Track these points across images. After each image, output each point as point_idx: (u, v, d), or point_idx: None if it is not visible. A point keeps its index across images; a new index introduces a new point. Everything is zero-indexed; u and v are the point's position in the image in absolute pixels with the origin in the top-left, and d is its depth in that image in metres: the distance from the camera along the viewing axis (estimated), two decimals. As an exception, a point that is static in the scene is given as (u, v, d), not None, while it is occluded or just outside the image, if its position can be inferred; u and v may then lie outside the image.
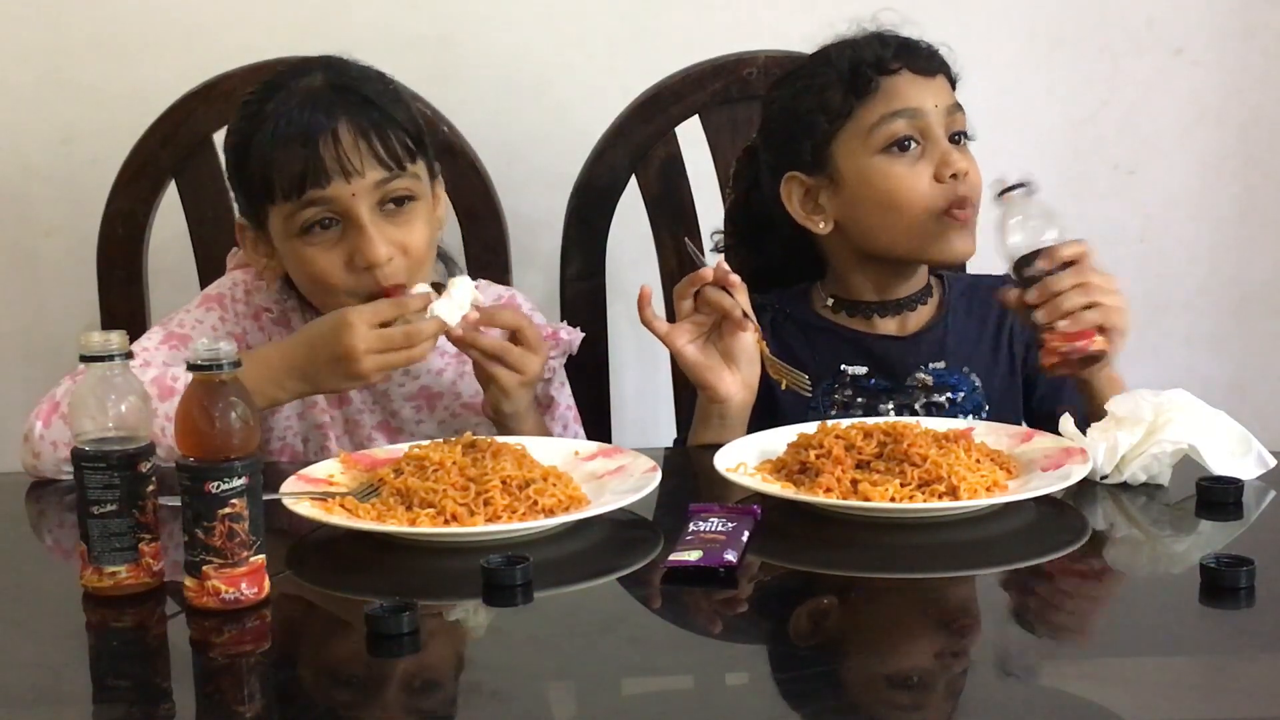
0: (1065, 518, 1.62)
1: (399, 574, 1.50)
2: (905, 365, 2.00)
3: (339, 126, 1.86)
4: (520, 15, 2.47)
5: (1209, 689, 1.29)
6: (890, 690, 1.27)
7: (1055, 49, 2.53)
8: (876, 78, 1.95)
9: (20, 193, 2.47)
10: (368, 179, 1.86)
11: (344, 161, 1.85)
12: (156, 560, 1.45)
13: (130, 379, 1.45)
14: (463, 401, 2.02)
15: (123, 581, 1.44)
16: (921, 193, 1.92)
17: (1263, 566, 1.38)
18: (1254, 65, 2.57)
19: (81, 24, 2.44)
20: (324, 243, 1.88)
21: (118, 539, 1.43)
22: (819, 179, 1.98)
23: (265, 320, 2.00)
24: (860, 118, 1.95)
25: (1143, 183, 2.58)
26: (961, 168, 1.93)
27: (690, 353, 1.85)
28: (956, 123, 1.96)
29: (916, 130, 1.94)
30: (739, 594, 1.45)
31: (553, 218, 2.32)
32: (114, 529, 1.43)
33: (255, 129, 1.89)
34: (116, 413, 1.44)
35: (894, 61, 1.95)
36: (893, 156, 1.94)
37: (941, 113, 1.95)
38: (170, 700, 1.29)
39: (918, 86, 1.95)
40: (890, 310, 2.02)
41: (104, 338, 1.44)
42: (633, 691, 1.31)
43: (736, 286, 1.84)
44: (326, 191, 1.86)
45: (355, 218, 1.86)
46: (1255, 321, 2.57)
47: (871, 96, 1.95)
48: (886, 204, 1.94)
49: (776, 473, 1.66)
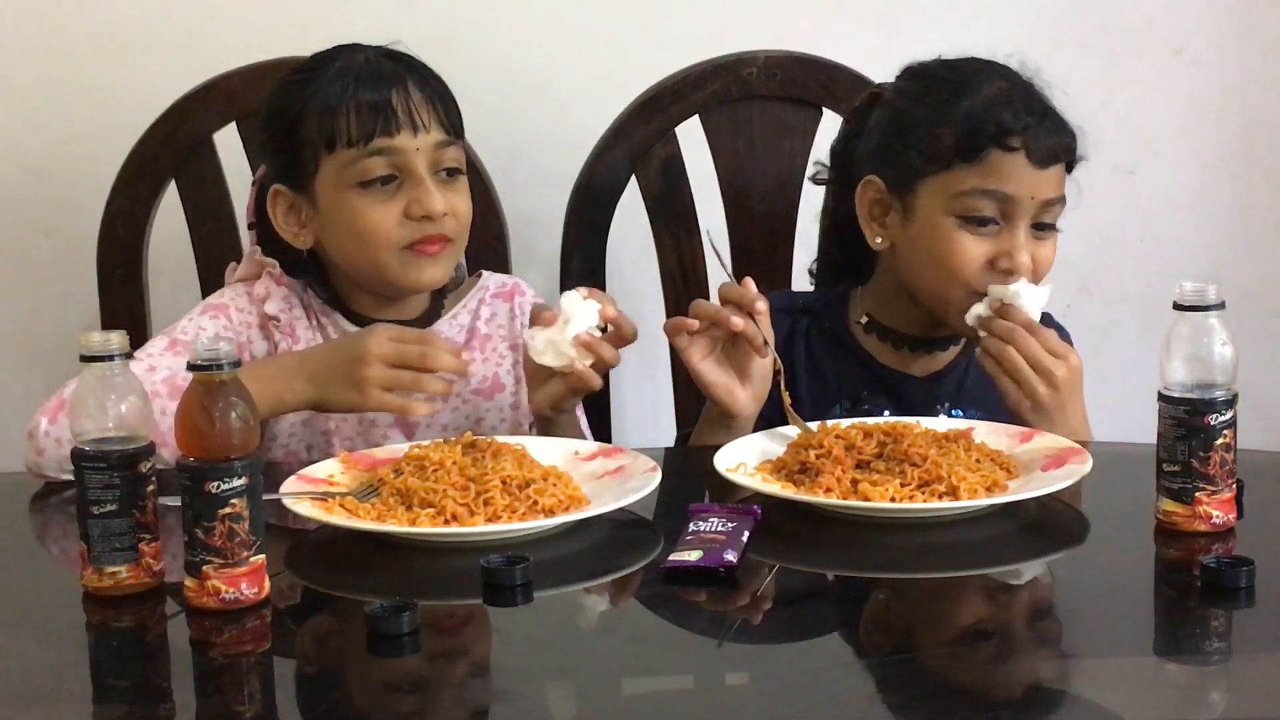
0: (1065, 518, 1.62)
1: (399, 574, 1.50)
2: (921, 407, 1.95)
3: (409, 83, 1.92)
4: (520, 15, 2.47)
5: (1209, 689, 1.29)
6: (890, 690, 1.27)
7: (1055, 49, 2.53)
8: (990, 149, 1.86)
9: (20, 193, 2.47)
10: (432, 136, 1.92)
11: (415, 114, 1.91)
12: (156, 560, 1.45)
13: (130, 379, 1.45)
14: (472, 387, 2.01)
15: (123, 581, 1.44)
16: (973, 270, 1.87)
17: (1263, 566, 1.38)
18: (1254, 65, 2.57)
19: (81, 24, 2.44)
20: (380, 197, 1.91)
21: (118, 539, 1.43)
22: (895, 199, 1.93)
23: (271, 329, 1.99)
24: (954, 177, 1.88)
25: (1143, 183, 2.58)
26: (1023, 266, 1.86)
27: (705, 368, 1.82)
28: (1048, 214, 1.89)
29: (1001, 213, 1.87)
30: (739, 594, 1.45)
31: (553, 218, 2.32)
32: (114, 529, 1.43)
33: (314, 84, 1.93)
34: (116, 413, 1.44)
35: (1015, 139, 1.86)
36: (966, 226, 1.88)
37: (1036, 204, 1.87)
38: (170, 700, 1.29)
39: (1026, 176, 1.86)
40: (922, 347, 1.99)
41: (104, 337, 1.44)
42: (633, 691, 1.31)
43: (761, 313, 1.79)
44: (395, 141, 1.90)
45: (416, 172, 1.91)
46: (1255, 321, 2.57)
47: (972, 165, 1.87)
48: (939, 268, 1.90)
49: (776, 473, 1.66)
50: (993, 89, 1.89)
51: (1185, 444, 1.51)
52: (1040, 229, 1.90)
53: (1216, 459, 1.51)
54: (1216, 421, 1.51)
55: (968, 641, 1.38)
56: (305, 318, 2.00)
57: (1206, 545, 1.50)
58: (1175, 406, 1.52)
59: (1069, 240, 1.90)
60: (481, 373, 2.01)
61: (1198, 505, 1.51)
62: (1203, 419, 1.51)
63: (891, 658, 1.34)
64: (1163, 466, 1.54)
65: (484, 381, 2.02)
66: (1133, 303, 2.57)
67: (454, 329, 2.04)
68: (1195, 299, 1.53)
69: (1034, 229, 1.89)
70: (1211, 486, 1.51)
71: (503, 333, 2.05)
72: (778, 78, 2.26)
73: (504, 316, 2.06)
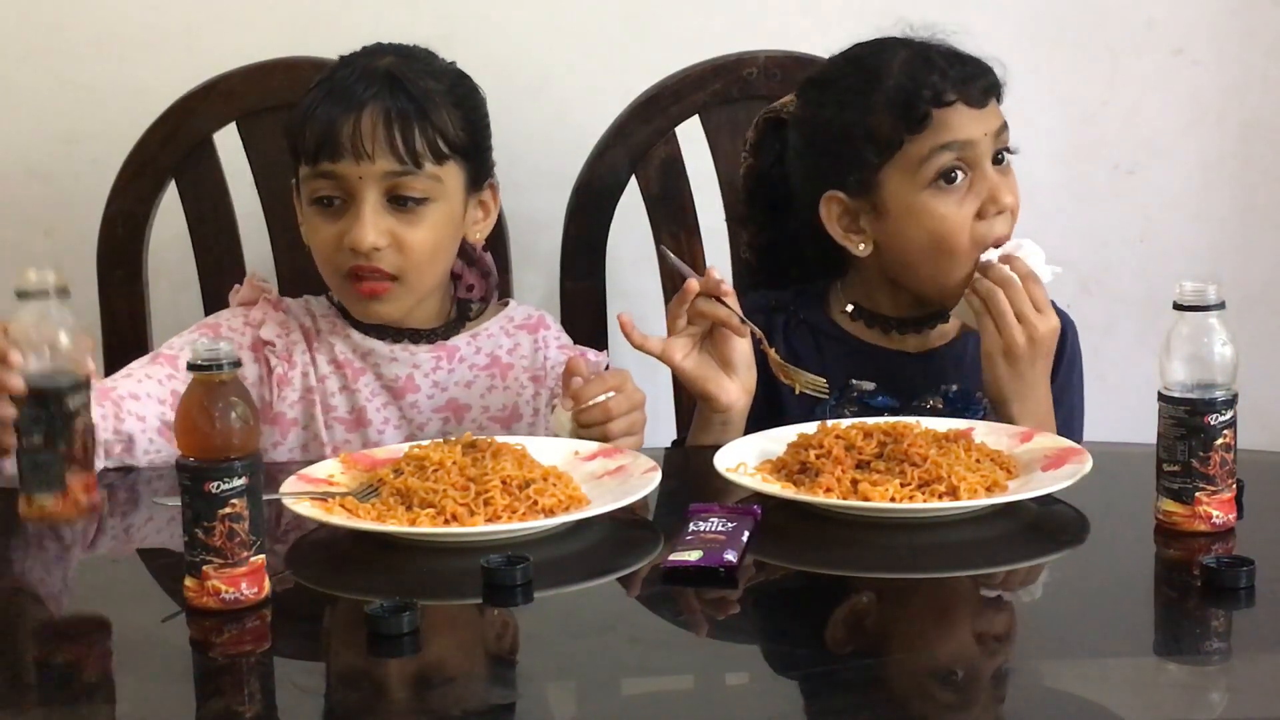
0: (1065, 518, 1.61)
1: (399, 574, 1.50)
2: (918, 385, 1.97)
3: (366, 109, 1.89)
4: (520, 15, 2.46)
5: (1209, 689, 1.29)
6: (890, 690, 1.27)
7: (1055, 49, 2.53)
8: (930, 111, 1.88)
9: (20, 193, 2.47)
10: (377, 166, 1.89)
11: (358, 143, 1.89)
12: (87, 494, 1.49)
13: (64, 316, 1.48)
14: (490, 415, 2.00)
15: (48, 511, 1.49)
16: (964, 225, 1.89)
17: (1263, 566, 1.38)
18: (1254, 65, 2.56)
19: (81, 24, 2.43)
20: (327, 217, 1.92)
21: (45, 471, 1.47)
22: (862, 203, 1.93)
23: (266, 353, 1.99)
24: (909, 151, 1.89)
25: (1143, 183, 2.58)
26: (1008, 203, 1.89)
27: (689, 366, 1.83)
28: (1001, 142, 1.92)
29: (964, 161, 1.89)
30: (739, 594, 1.45)
31: (553, 218, 2.31)
32: (42, 461, 1.47)
33: (312, 89, 1.95)
34: (51, 349, 1.47)
35: (950, 93, 1.88)
36: (940, 191, 1.89)
37: (990, 139, 1.90)
38: (170, 700, 1.29)
39: (970, 118, 1.89)
40: (911, 327, 1.99)
41: (40, 275, 1.47)
42: (633, 691, 1.31)
43: (728, 294, 1.81)
44: (337, 167, 1.90)
45: (357, 199, 1.90)
46: (1255, 321, 2.57)
47: (922, 131, 1.88)
48: (933, 244, 1.91)
49: (776, 473, 1.66)
50: (900, 60, 1.91)
51: (1185, 444, 1.51)
52: (998, 162, 1.92)
53: (1216, 459, 1.51)
54: (1216, 421, 1.51)
55: (967, 641, 1.38)
56: (303, 342, 2.00)
57: (1206, 545, 1.50)
58: (1175, 406, 1.52)
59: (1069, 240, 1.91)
60: (502, 401, 2.01)
61: (1198, 505, 1.51)
62: (1203, 419, 1.51)
63: (891, 657, 1.34)
64: (1163, 466, 1.54)
65: (503, 410, 2.01)
66: (1133, 303, 2.57)
67: (473, 351, 2.03)
68: (1195, 299, 1.53)
69: (996, 163, 1.91)
70: (1211, 486, 1.51)
71: (525, 364, 2.04)
72: (778, 78, 2.26)
73: (527, 348, 2.05)
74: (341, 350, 2.00)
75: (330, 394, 1.99)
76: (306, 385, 1.99)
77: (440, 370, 2.00)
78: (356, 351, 1.99)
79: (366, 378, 1.99)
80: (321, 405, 1.98)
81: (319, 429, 1.98)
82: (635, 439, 1.79)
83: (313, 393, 1.98)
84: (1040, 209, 2.18)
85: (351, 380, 1.99)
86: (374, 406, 1.99)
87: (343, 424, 1.99)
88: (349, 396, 1.99)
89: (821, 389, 1.85)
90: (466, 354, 2.02)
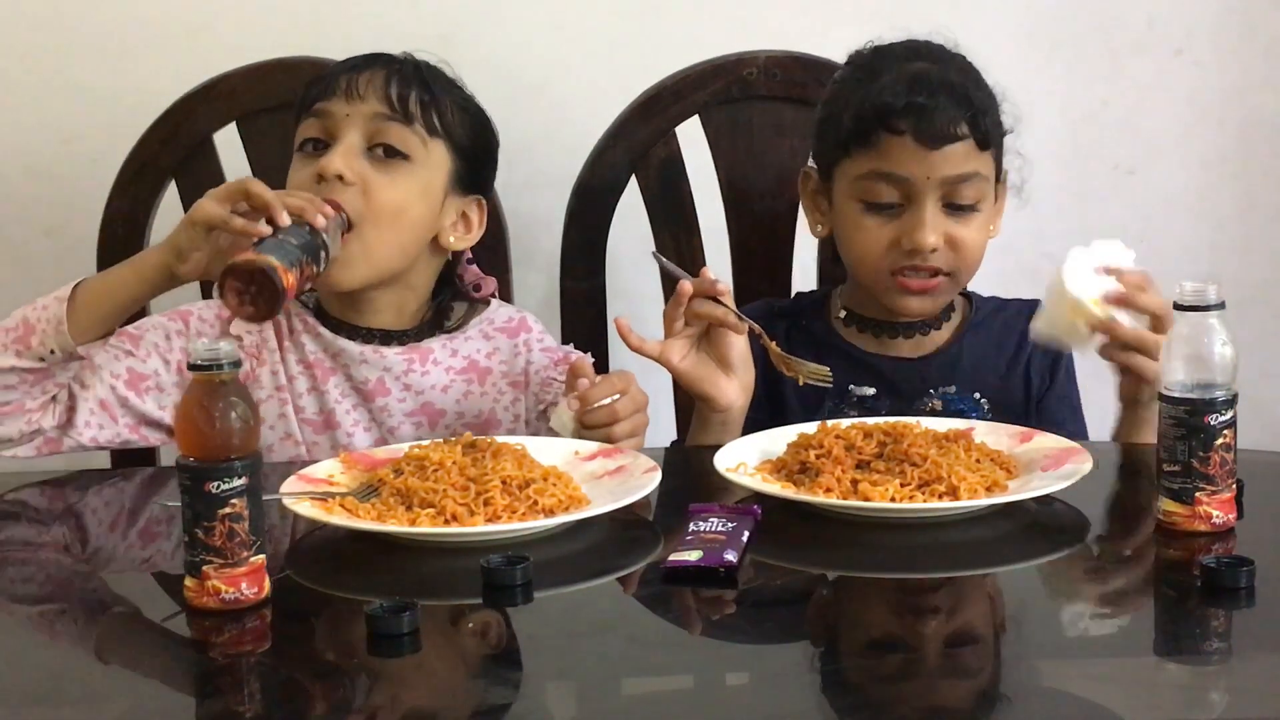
0: (1065, 518, 1.61)
1: (399, 574, 1.50)
2: (915, 388, 1.97)
3: (372, 68, 1.92)
4: (520, 15, 2.47)
5: (1209, 689, 1.29)
6: (890, 690, 1.27)
7: (1055, 49, 2.53)
8: (879, 133, 1.87)
9: (20, 192, 2.47)
10: (367, 106, 1.90)
11: (352, 85, 1.91)
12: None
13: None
14: (465, 421, 1.98)
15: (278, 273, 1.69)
16: (877, 253, 1.90)
17: (1263, 566, 1.38)
18: (1254, 65, 2.57)
19: (81, 24, 2.44)
20: (304, 159, 1.92)
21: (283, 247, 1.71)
22: (824, 186, 1.99)
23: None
24: (852, 165, 1.91)
25: (1143, 183, 2.58)
26: (926, 245, 1.86)
27: (687, 368, 1.83)
28: (957, 194, 1.88)
29: (902, 195, 1.88)
30: (739, 594, 1.45)
31: (553, 218, 2.31)
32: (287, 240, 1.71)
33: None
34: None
35: (900, 122, 1.86)
36: (867, 209, 1.91)
37: (935, 184, 1.87)
38: (170, 700, 1.29)
39: (917, 158, 1.87)
40: (901, 331, 2.00)
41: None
42: (633, 691, 1.31)
43: (724, 293, 1.81)
44: (327, 104, 1.91)
45: (337, 136, 1.90)
46: (1255, 321, 2.57)
47: (866, 150, 1.89)
48: (847, 248, 1.96)
49: (776, 473, 1.66)
50: (891, 74, 1.90)
51: (1185, 444, 1.51)
52: (956, 210, 1.89)
53: (1216, 459, 1.51)
54: (1216, 421, 1.51)
55: (968, 641, 1.38)
56: (274, 340, 1.98)
57: (1206, 545, 1.50)
58: (1175, 406, 1.52)
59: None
60: (478, 407, 1.98)
61: (1198, 505, 1.51)
62: (1203, 419, 1.51)
63: (892, 657, 1.34)
64: (1163, 466, 1.54)
65: (479, 416, 1.99)
66: (1133, 303, 2.57)
67: (449, 354, 2.00)
68: (1195, 299, 1.53)
69: (950, 209, 1.89)
70: (1211, 486, 1.51)
71: (504, 369, 2.01)
72: (778, 78, 2.26)
73: (507, 352, 2.02)
74: (312, 350, 1.97)
75: (299, 394, 1.97)
76: (276, 384, 1.97)
77: (412, 373, 1.97)
78: (327, 351, 1.97)
79: (336, 378, 1.97)
80: (292, 405, 1.96)
81: (290, 428, 1.96)
82: (637, 440, 1.79)
83: (283, 390, 1.97)
84: (1040, 209, 2.18)
85: (320, 381, 1.97)
86: (344, 409, 1.96)
87: (311, 425, 1.97)
88: (318, 398, 1.97)
89: (825, 378, 1.84)
90: (441, 357, 1.99)
